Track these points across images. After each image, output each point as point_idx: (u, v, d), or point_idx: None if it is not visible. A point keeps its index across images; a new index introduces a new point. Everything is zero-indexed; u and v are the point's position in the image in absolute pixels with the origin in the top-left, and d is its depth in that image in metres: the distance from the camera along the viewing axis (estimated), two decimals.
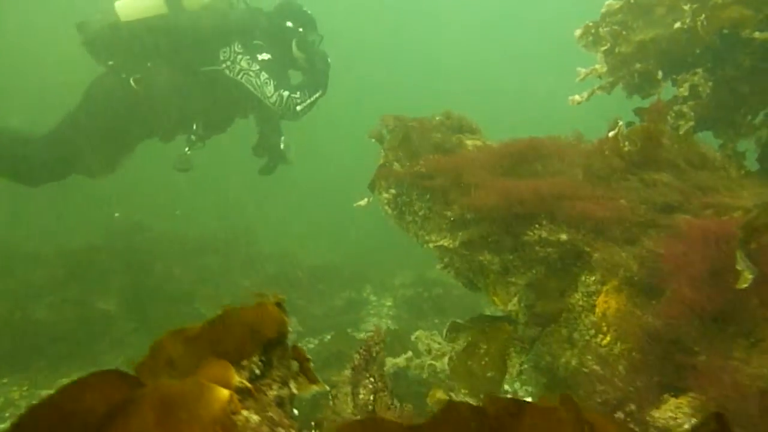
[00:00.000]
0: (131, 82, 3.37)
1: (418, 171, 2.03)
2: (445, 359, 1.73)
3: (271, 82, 3.52)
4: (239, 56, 3.49)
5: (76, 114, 3.42)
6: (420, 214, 2.03)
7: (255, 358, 0.61)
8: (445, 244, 1.80)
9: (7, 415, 3.52)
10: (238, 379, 0.56)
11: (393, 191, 2.27)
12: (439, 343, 1.80)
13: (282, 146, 4.23)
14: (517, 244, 1.53)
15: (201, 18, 3.50)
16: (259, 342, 0.61)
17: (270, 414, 0.55)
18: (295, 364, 0.65)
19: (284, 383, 0.61)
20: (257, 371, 0.60)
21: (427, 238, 1.95)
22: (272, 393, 0.58)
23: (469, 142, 2.11)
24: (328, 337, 4.91)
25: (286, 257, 8.75)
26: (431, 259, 7.92)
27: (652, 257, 1.25)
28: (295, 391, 0.60)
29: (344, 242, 11.54)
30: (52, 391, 2.53)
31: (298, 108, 3.63)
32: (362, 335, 4.91)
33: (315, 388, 0.64)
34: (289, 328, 0.65)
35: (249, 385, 0.57)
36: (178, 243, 7.13)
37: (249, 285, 5.70)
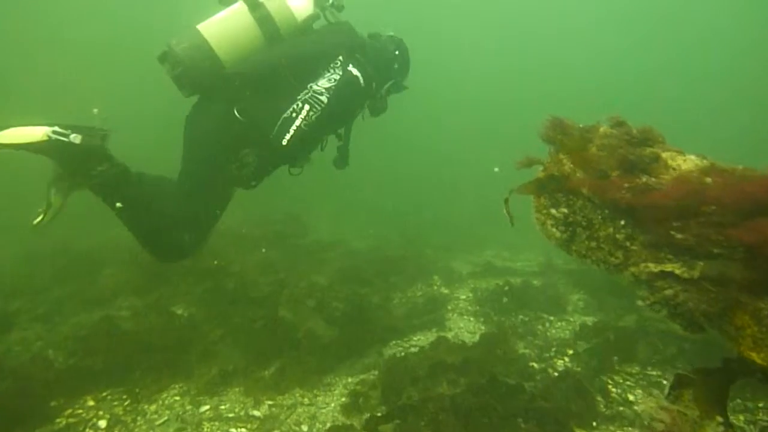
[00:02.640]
0: (235, 113, 3.10)
1: (613, 190, 1.78)
2: None
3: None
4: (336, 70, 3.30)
5: (191, 165, 3.22)
6: (617, 237, 1.78)
7: None
8: (677, 271, 1.55)
9: None
10: None
11: (564, 210, 2.02)
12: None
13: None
14: None
15: (306, 44, 3.29)
16: None
17: None
18: None
19: None
20: None
21: (632, 269, 1.71)
22: None
23: (666, 156, 1.84)
24: (416, 338, 4.74)
25: (341, 246, 8.64)
26: (489, 246, 7.64)
27: None
28: None
29: (389, 225, 11.41)
30: (154, 407, 2.35)
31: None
32: (451, 335, 4.72)
33: None
34: None
35: None
36: (233, 239, 7.00)
37: (324, 283, 5.55)
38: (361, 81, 3.38)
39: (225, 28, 3.20)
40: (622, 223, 1.77)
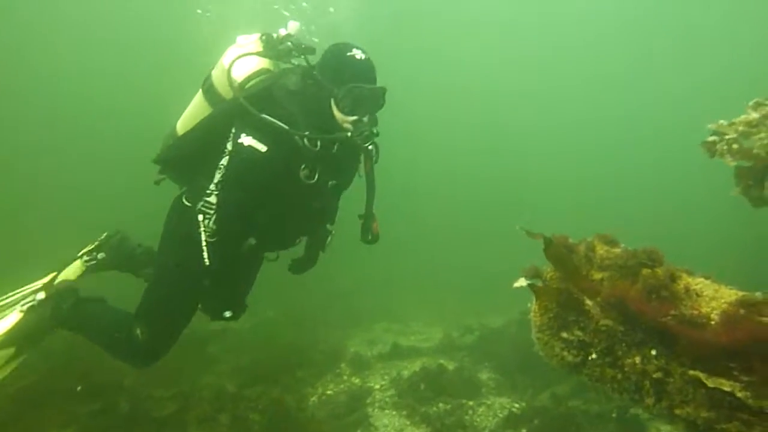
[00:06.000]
0: (183, 200, 2.84)
1: (655, 314, 1.78)
2: None
3: None
4: None
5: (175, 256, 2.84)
6: (647, 370, 1.80)
7: None
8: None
9: None
10: None
11: (579, 333, 2.01)
12: None
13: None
14: None
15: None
16: None
17: None
18: None
19: None
20: None
21: (677, 410, 1.71)
22: None
23: (698, 287, 1.90)
24: None
25: (225, 335, 7.90)
26: (377, 319, 7.53)
27: None
28: None
29: (266, 301, 10.78)
30: None
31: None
32: None
33: None
34: None
35: None
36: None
37: (231, 389, 4.96)
38: (261, 148, 2.57)
39: (188, 112, 3.04)
40: (654, 353, 1.79)
